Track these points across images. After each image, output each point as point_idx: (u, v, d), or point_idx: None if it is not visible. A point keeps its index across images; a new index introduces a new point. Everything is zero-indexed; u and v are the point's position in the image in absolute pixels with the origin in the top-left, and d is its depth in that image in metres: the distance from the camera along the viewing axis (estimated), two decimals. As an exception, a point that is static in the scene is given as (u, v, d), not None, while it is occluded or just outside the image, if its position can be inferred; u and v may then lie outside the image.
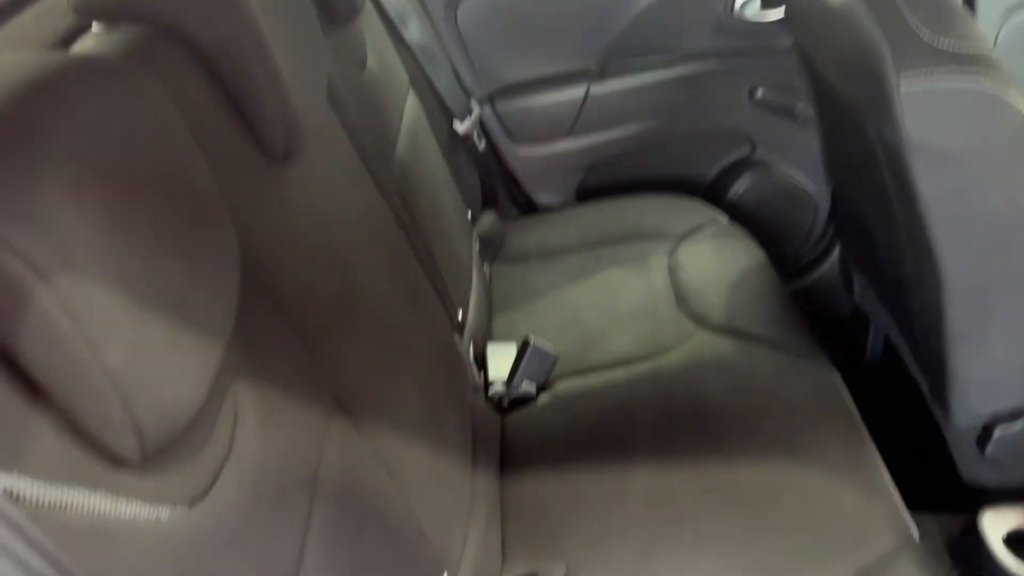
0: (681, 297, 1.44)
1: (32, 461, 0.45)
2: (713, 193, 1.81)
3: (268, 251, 0.75)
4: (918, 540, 1.00)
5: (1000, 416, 1.16)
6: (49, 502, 0.45)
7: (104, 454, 0.49)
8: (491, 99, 1.73)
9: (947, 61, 0.88)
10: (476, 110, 1.70)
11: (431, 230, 1.29)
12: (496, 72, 1.72)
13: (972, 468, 1.24)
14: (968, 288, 1.05)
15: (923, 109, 0.91)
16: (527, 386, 1.31)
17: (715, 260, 1.51)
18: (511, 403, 1.32)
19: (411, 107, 1.42)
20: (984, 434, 1.18)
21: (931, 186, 0.97)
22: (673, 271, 1.51)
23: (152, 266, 0.50)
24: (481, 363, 1.36)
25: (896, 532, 1.00)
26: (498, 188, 1.85)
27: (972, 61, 0.88)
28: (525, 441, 1.23)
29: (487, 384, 1.33)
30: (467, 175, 1.71)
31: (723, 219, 1.64)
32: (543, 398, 1.31)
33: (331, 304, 0.85)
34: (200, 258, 0.56)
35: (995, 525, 1.22)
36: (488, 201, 1.83)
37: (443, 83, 1.61)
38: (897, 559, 0.96)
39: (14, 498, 0.43)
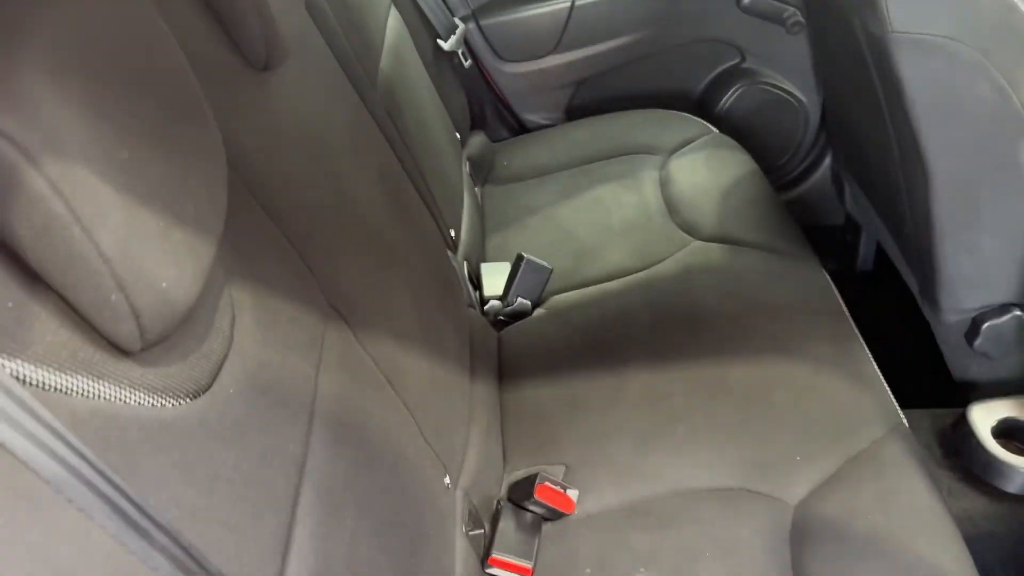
0: (673, 209, 1.45)
1: (34, 348, 0.46)
2: (703, 106, 1.80)
3: (255, 158, 0.75)
4: (908, 428, 1.02)
5: (988, 310, 1.18)
6: (54, 387, 0.46)
7: (106, 344, 0.50)
8: (475, 15, 1.71)
9: (931, -56, 0.87)
10: (460, 27, 1.67)
11: (419, 147, 1.28)
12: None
13: (961, 363, 1.27)
14: (955, 182, 1.05)
15: (907, -4, 0.90)
16: (522, 302, 1.33)
17: (706, 171, 1.51)
18: (507, 318, 1.34)
19: (393, 24, 1.40)
20: (973, 328, 1.20)
21: (916, 78, 0.97)
22: (664, 184, 1.51)
23: (138, 159, 0.50)
24: (476, 283, 1.37)
25: (886, 421, 1.02)
26: (486, 110, 1.84)
27: (956, -57, 0.87)
28: (522, 352, 1.25)
29: (483, 301, 1.35)
30: (455, 96, 1.69)
31: (713, 131, 1.63)
32: (538, 312, 1.33)
33: (320, 212, 0.86)
34: (186, 155, 0.56)
35: (984, 416, 1.25)
36: (476, 123, 1.82)
37: (426, -1, 1.59)
38: (887, 444, 0.98)
39: (20, 381, 0.44)
